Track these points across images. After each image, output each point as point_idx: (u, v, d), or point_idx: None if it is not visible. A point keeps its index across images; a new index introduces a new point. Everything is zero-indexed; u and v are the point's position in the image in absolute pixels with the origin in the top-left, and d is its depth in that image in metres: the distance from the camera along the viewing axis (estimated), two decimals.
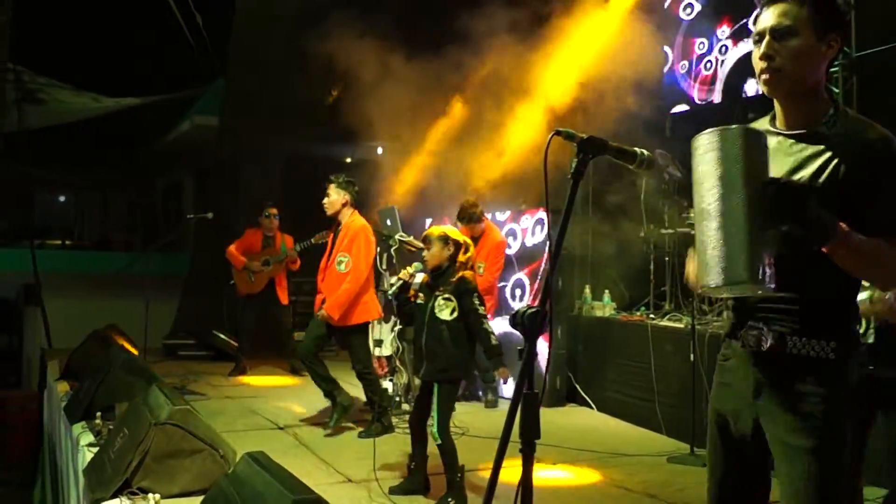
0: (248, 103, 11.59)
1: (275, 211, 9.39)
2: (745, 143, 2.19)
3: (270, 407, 7.51)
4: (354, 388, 8.09)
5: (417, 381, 5.25)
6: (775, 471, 2.38)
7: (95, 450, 4.94)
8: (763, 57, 2.34)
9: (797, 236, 2.17)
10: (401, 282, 4.99)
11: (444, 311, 4.82)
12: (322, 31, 8.70)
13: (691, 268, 2.56)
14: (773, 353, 2.34)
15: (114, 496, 4.15)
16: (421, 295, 4.98)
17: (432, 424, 4.78)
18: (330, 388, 6.67)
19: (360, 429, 6.56)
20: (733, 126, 2.21)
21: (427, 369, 4.89)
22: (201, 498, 3.59)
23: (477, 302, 4.83)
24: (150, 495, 3.92)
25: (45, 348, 10.76)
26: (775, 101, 2.45)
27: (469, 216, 7.65)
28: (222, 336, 10.34)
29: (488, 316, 5.03)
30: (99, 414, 5.53)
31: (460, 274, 4.89)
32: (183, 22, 13.38)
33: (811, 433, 2.26)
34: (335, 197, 6.74)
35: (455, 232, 5.06)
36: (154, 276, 8.61)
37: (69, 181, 21.04)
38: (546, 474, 5.47)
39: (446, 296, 4.82)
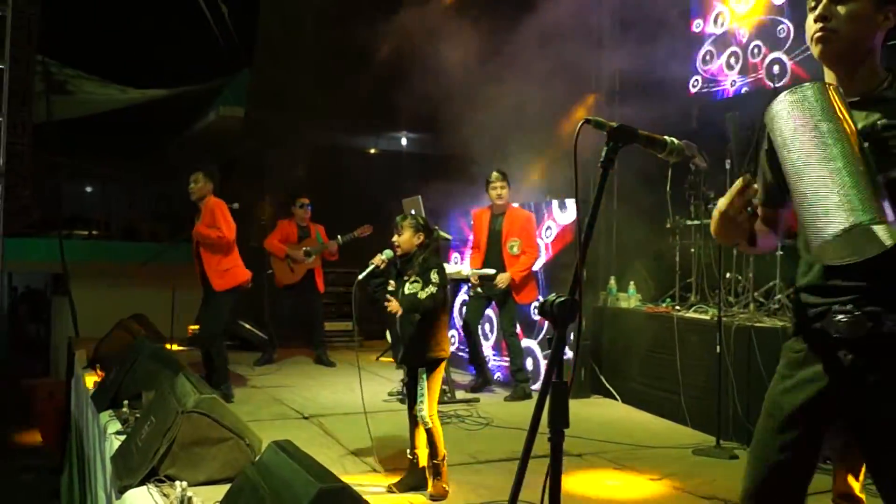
0: (274, 94, 11.62)
1: (307, 200, 9.43)
2: (829, 93, 2.17)
3: (296, 397, 7.54)
4: (382, 381, 8.12)
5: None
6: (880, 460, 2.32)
7: (122, 438, 4.98)
8: (819, 18, 2.33)
9: None
10: (372, 266, 4.97)
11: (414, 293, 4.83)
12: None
13: (715, 224, 2.47)
14: (871, 335, 2.23)
15: (141, 483, 4.19)
16: (392, 282, 4.98)
17: (421, 409, 4.77)
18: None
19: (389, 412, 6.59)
20: (809, 83, 2.19)
21: (406, 354, 4.89)
22: (228, 486, 3.61)
23: (435, 276, 4.79)
24: (177, 483, 3.94)
25: (73, 337, 10.85)
26: (827, 71, 2.42)
27: (504, 175, 7.71)
28: (248, 326, 10.39)
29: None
30: (126, 402, 5.57)
31: (425, 255, 4.90)
32: (208, 13, 13.44)
33: None
34: (202, 184, 7.64)
35: (425, 220, 5.06)
36: (180, 266, 8.62)
37: (96, 172, 21.19)
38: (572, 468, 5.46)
39: (414, 279, 4.83)
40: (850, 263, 2.15)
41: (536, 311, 2.34)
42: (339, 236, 9.15)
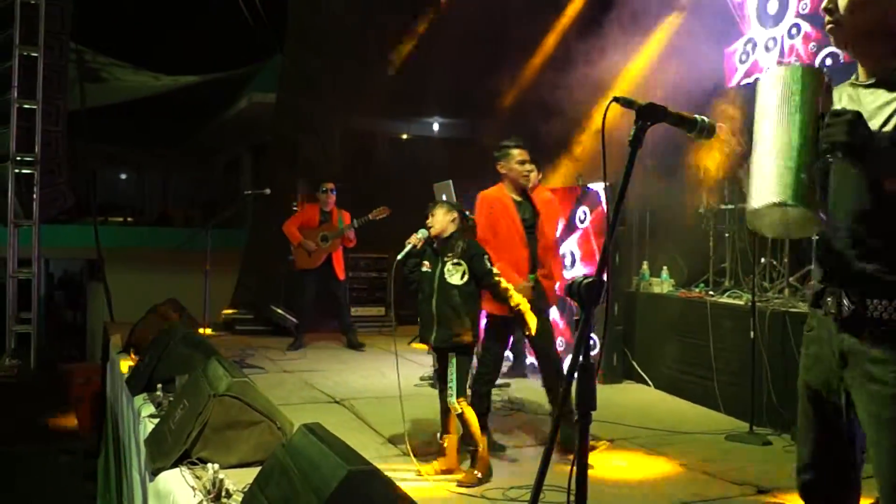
0: (306, 79, 11.63)
1: (331, 186, 9.40)
2: (805, 77, 2.22)
3: (328, 381, 7.57)
4: (413, 366, 8.13)
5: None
6: (867, 443, 2.35)
7: (156, 421, 5.02)
8: (824, 10, 2.35)
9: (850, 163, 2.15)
10: (409, 246, 4.95)
11: (455, 275, 4.79)
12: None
13: None
14: (854, 318, 2.29)
15: (174, 466, 4.22)
16: (426, 262, 4.97)
17: (450, 395, 4.74)
18: None
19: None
20: (797, 63, 2.23)
21: (439, 335, 4.83)
22: (259, 469, 3.62)
23: (488, 263, 4.82)
24: (209, 465, 3.97)
25: (108, 322, 10.96)
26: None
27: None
28: (280, 311, 10.43)
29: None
30: (160, 386, 5.62)
31: (467, 238, 4.88)
32: None
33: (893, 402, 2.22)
34: None
35: (458, 205, 5.06)
36: (213, 251, 8.67)
37: (131, 159, 21.41)
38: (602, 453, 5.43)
39: (455, 260, 4.81)
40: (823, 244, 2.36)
41: (564, 292, 2.36)
42: (353, 219, 9.14)
